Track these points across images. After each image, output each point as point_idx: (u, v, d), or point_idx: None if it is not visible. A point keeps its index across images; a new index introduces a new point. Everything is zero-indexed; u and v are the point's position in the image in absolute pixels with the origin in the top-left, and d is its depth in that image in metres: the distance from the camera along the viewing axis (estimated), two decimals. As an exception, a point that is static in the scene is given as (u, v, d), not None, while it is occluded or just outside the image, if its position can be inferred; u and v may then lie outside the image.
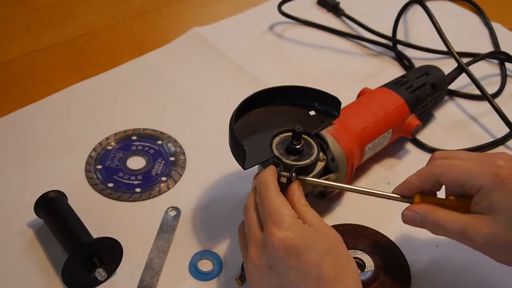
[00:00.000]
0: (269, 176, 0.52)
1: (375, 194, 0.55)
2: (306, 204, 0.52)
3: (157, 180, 0.68)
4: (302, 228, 0.48)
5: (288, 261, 0.47)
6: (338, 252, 0.48)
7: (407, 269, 0.59)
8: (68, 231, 0.58)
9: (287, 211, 0.49)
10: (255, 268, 0.49)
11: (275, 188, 0.51)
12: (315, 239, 0.47)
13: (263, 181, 0.51)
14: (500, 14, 0.99)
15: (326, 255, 0.47)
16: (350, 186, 0.57)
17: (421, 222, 0.52)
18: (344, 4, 0.97)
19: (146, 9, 0.97)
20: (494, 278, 0.59)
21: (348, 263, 0.48)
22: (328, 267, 0.46)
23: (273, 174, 0.52)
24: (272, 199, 0.49)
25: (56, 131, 0.73)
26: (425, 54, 0.89)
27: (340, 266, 0.47)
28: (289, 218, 0.48)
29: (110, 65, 0.84)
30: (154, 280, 0.58)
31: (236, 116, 0.57)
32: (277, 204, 0.49)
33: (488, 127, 0.78)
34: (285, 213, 0.48)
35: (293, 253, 0.47)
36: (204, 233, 0.63)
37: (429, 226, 0.52)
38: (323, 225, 0.50)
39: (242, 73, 0.84)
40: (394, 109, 0.68)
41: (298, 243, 0.47)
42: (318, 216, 0.50)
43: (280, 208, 0.49)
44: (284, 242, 0.47)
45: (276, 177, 0.53)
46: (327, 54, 0.90)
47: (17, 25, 0.92)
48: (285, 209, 0.49)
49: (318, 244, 0.47)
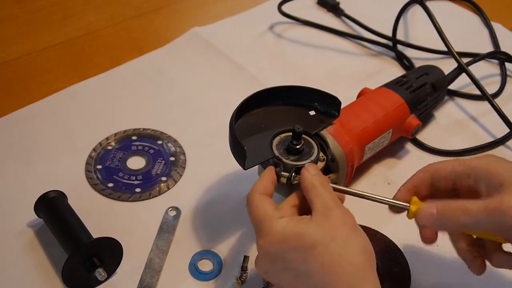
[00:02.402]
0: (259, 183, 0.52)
1: (371, 198, 0.53)
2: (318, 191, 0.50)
3: (157, 180, 0.68)
4: (282, 229, 0.48)
5: (276, 265, 0.48)
6: (326, 245, 0.46)
7: (407, 269, 0.59)
8: (68, 231, 0.58)
9: (266, 217, 0.49)
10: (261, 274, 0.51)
11: (257, 192, 0.51)
12: (297, 236, 0.47)
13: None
14: (500, 14, 0.99)
15: (310, 251, 0.46)
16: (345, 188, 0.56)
17: (439, 217, 0.48)
18: (344, 4, 0.97)
19: (146, 9, 0.97)
20: (494, 278, 0.59)
21: (344, 250, 0.46)
22: (313, 262, 0.46)
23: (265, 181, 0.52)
24: (253, 208, 0.50)
25: (56, 131, 0.73)
26: (425, 54, 0.89)
27: (330, 257, 0.45)
28: (267, 222, 0.48)
29: (110, 65, 0.84)
30: (154, 280, 0.58)
31: (236, 116, 0.57)
32: (257, 212, 0.49)
33: (488, 127, 0.78)
34: (264, 218, 0.49)
35: (277, 257, 0.48)
36: (204, 233, 0.63)
37: (450, 219, 0.47)
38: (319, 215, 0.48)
39: (242, 73, 0.84)
40: (394, 109, 0.68)
41: (280, 245, 0.47)
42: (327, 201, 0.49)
43: (259, 215, 0.49)
44: (265, 248, 0.48)
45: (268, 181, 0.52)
46: (327, 54, 0.90)
47: (17, 25, 0.92)
48: (264, 214, 0.49)
49: (300, 240, 0.47)
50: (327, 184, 0.51)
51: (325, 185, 0.50)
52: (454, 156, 0.73)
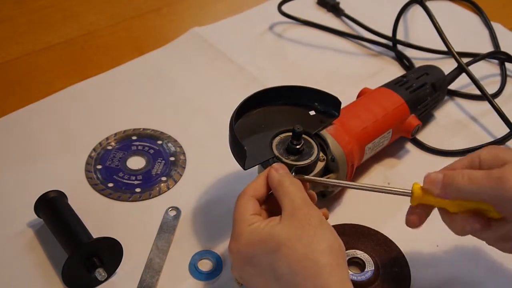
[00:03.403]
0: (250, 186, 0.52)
1: (374, 189, 0.53)
2: (283, 192, 0.50)
3: (157, 180, 0.68)
4: (250, 233, 0.48)
5: (247, 269, 0.49)
6: (291, 245, 0.46)
7: (407, 269, 0.59)
8: (68, 231, 0.58)
9: (240, 220, 0.49)
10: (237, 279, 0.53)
11: (245, 194, 0.51)
12: (262, 240, 0.47)
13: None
14: (500, 14, 0.99)
15: (276, 253, 0.46)
16: (346, 182, 0.56)
17: (444, 182, 0.49)
18: (344, 4, 0.97)
19: (146, 9, 0.97)
20: (494, 278, 0.59)
21: (309, 249, 0.46)
22: (280, 263, 0.46)
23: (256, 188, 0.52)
24: (234, 209, 0.51)
25: (56, 131, 0.73)
26: (425, 54, 0.89)
27: (296, 257, 0.46)
28: (239, 227, 0.49)
29: (110, 65, 0.84)
30: (154, 280, 0.58)
31: (236, 116, 0.57)
32: (235, 215, 0.50)
33: (488, 127, 0.78)
34: (238, 222, 0.49)
35: (246, 261, 0.48)
36: (204, 233, 0.63)
37: (455, 186, 0.49)
38: (286, 215, 0.48)
39: (242, 73, 0.84)
40: (394, 109, 0.68)
41: (246, 250, 0.48)
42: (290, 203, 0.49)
43: (236, 218, 0.50)
44: (235, 254, 0.49)
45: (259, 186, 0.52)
46: (327, 54, 0.90)
47: (17, 25, 0.92)
48: (240, 218, 0.50)
49: (266, 244, 0.47)
50: (295, 182, 0.51)
51: (294, 184, 0.51)
52: (454, 156, 0.73)
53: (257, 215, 0.50)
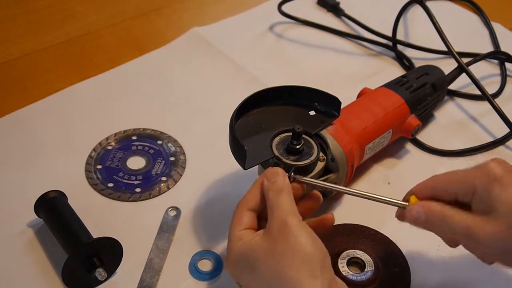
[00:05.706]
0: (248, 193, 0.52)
1: (371, 197, 0.53)
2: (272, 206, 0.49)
3: (157, 180, 0.68)
4: (237, 249, 0.49)
5: (241, 281, 0.50)
6: (265, 261, 0.46)
7: (407, 269, 0.59)
8: (68, 231, 0.58)
9: (233, 235, 0.50)
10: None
11: (240, 207, 0.51)
12: (245, 256, 0.48)
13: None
14: (500, 14, 0.99)
15: (254, 270, 0.47)
16: (345, 188, 0.56)
17: (425, 220, 0.50)
18: (344, 4, 0.97)
19: (146, 9, 0.97)
20: (494, 279, 0.59)
21: (281, 264, 0.45)
22: (259, 282, 0.47)
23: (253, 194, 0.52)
24: (231, 221, 0.51)
25: (56, 131, 0.73)
26: (425, 54, 0.89)
27: (270, 273, 0.46)
28: (230, 243, 0.50)
29: (110, 65, 0.84)
30: (154, 280, 0.58)
31: (236, 116, 0.57)
32: (229, 228, 0.51)
33: (488, 127, 0.78)
34: (229, 238, 0.50)
35: (236, 276, 0.50)
36: (204, 233, 0.63)
37: (434, 224, 0.50)
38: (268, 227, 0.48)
39: (242, 73, 0.84)
40: (394, 109, 0.68)
41: (234, 267, 0.50)
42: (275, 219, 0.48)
43: (229, 232, 0.51)
44: (227, 268, 0.51)
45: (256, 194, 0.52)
46: (327, 54, 0.90)
47: (17, 25, 0.92)
48: (231, 232, 0.50)
49: (247, 261, 0.48)
50: (282, 190, 0.50)
51: (277, 194, 0.49)
52: (454, 156, 0.73)
53: (248, 230, 0.50)
